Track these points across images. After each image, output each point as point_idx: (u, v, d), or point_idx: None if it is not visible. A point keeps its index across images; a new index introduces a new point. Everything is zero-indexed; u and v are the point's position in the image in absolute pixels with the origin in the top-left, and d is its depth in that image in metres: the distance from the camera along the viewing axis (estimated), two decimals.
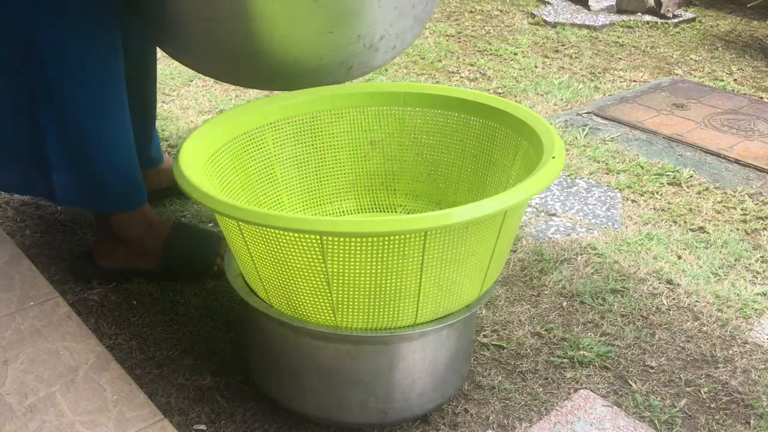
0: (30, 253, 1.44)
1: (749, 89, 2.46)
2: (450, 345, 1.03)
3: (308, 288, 0.92)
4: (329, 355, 0.98)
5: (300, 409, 1.05)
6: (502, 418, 1.10)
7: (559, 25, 3.07)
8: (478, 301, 1.02)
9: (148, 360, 1.19)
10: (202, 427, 1.07)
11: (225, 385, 1.14)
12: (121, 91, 1.26)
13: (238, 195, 1.11)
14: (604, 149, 1.95)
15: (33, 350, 1.17)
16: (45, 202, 1.61)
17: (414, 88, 1.20)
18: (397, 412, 1.03)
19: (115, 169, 1.27)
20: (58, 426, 1.03)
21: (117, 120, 1.26)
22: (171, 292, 1.35)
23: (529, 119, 1.07)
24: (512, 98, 2.31)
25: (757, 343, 1.28)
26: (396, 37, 1.21)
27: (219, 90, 2.27)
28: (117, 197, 1.30)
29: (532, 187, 0.89)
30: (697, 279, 1.43)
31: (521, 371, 1.19)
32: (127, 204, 1.32)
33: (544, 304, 1.35)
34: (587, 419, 1.10)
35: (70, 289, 1.35)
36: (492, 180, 1.16)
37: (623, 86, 2.45)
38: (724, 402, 1.15)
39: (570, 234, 1.58)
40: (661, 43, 2.94)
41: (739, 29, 3.15)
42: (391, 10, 1.15)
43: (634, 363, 1.22)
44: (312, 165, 1.22)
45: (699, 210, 1.68)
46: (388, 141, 1.23)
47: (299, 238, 0.87)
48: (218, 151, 1.07)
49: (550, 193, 1.74)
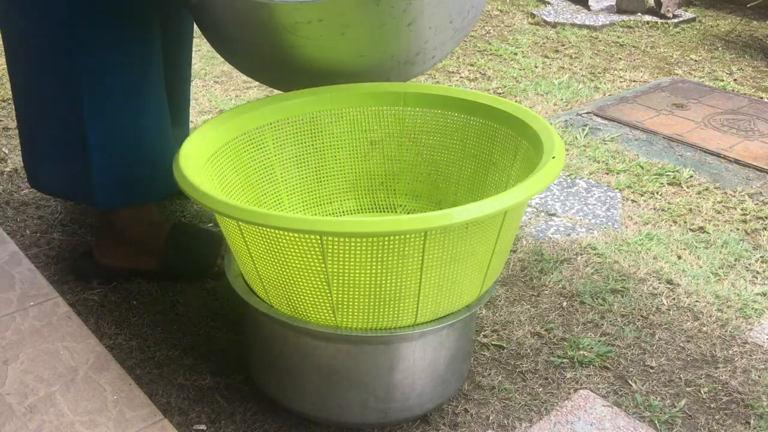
0: (30, 253, 1.44)
1: (749, 89, 2.46)
2: (450, 345, 1.03)
3: (308, 288, 0.92)
4: (329, 355, 0.98)
5: (300, 409, 1.05)
6: (502, 418, 1.10)
7: (559, 25, 3.07)
8: (478, 301, 1.02)
9: (148, 360, 1.19)
10: (202, 427, 1.07)
11: (225, 385, 1.14)
12: (158, 80, 1.27)
13: (238, 195, 1.11)
14: (604, 149, 1.95)
15: (33, 350, 1.17)
16: (45, 202, 1.61)
17: (414, 88, 1.20)
18: (397, 412, 1.03)
19: (155, 158, 1.29)
20: (58, 426, 1.03)
21: (154, 108, 1.28)
22: (171, 292, 1.35)
23: (529, 119, 1.07)
24: (512, 98, 2.31)
25: (757, 343, 1.28)
26: (434, 49, 1.21)
27: (219, 90, 2.27)
28: (156, 187, 1.33)
29: (532, 187, 0.89)
30: (697, 279, 1.43)
31: (521, 371, 1.19)
32: (156, 195, 1.35)
33: (544, 304, 1.35)
34: (587, 419, 1.10)
35: (70, 289, 1.35)
36: (492, 180, 1.16)
37: (623, 86, 2.45)
38: (724, 402, 1.15)
39: (570, 234, 1.58)
40: (661, 43, 2.94)
41: (739, 29, 3.15)
42: (425, 30, 1.15)
43: (634, 363, 1.22)
44: (312, 165, 1.22)
45: (699, 210, 1.68)
46: (388, 141, 1.23)
47: (299, 238, 0.87)
48: (218, 151, 1.07)
49: (550, 193, 1.74)
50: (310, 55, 1.12)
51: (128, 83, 1.23)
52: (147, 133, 1.28)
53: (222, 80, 2.35)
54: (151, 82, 1.27)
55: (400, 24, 1.09)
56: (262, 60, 1.21)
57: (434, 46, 1.20)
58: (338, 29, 1.07)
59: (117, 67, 1.21)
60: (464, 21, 1.21)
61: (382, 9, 1.05)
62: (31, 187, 1.47)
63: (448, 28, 1.18)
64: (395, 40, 1.13)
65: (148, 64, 1.25)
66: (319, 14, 1.04)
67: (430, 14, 1.11)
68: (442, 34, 1.18)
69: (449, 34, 1.20)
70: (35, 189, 1.40)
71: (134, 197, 1.32)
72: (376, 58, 1.16)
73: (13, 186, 1.69)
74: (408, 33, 1.12)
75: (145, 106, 1.27)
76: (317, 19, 1.04)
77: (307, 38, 1.08)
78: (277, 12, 1.04)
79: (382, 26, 1.08)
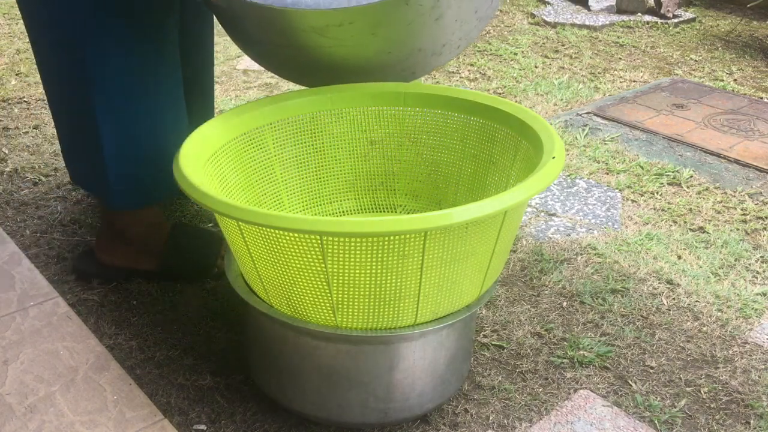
0: (30, 253, 1.44)
1: (749, 89, 2.46)
2: (450, 345, 1.03)
3: (308, 288, 0.92)
4: (329, 355, 0.98)
5: (300, 409, 1.05)
6: (502, 418, 1.10)
7: (559, 25, 3.07)
8: (478, 301, 1.02)
9: (148, 360, 1.19)
10: (202, 427, 1.07)
11: (225, 385, 1.14)
12: (173, 81, 1.27)
13: (238, 195, 1.11)
14: (604, 149, 1.95)
15: (33, 350, 1.17)
16: (45, 202, 1.62)
17: (414, 88, 1.19)
18: (397, 412, 1.03)
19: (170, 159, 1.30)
20: (58, 426, 1.03)
21: (169, 108, 1.27)
22: (171, 292, 1.35)
23: (529, 119, 1.07)
24: (512, 98, 2.31)
25: (757, 343, 1.28)
26: (459, 39, 1.22)
27: (219, 90, 2.27)
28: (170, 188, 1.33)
29: (532, 187, 0.89)
30: (697, 279, 1.43)
31: (521, 371, 1.19)
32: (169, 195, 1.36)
33: (544, 304, 1.35)
34: (587, 419, 1.10)
35: (70, 289, 1.35)
36: (492, 180, 1.16)
37: (623, 86, 2.45)
38: (724, 402, 1.15)
39: (570, 234, 1.58)
40: (661, 43, 2.94)
41: (739, 29, 3.15)
42: (452, 23, 1.15)
43: (634, 363, 1.22)
44: (312, 165, 1.22)
45: (699, 210, 1.68)
46: (388, 141, 1.23)
47: (299, 238, 0.87)
48: (218, 151, 1.07)
49: (550, 193, 1.74)
50: (338, 54, 1.12)
51: (140, 84, 1.22)
52: (161, 133, 1.27)
53: (222, 80, 2.35)
54: (165, 82, 1.26)
55: (428, 20, 1.09)
56: (286, 59, 1.20)
57: (460, 37, 1.20)
58: (369, 29, 1.07)
59: (128, 67, 1.20)
60: (488, 10, 1.22)
61: (411, 8, 1.04)
62: (72, 182, 1.51)
63: (473, 18, 1.19)
64: (423, 34, 1.13)
65: (161, 64, 1.24)
66: (351, 17, 1.04)
67: (458, 7, 1.11)
68: (468, 24, 1.19)
69: (474, 23, 1.20)
70: (73, 183, 1.41)
71: (149, 198, 1.32)
72: (404, 53, 1.16)
73: (13, 186, 1.69)
74: (436, 27, 1.12)
75: (158, 106, 1.26)
76: (348, 21, 1.04)
77: (337, 39, 1.08)
78: (307, 17, 1.04)
79: (411, 23, 1.08)
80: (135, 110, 1.23)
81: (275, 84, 2.35)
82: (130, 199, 1.30)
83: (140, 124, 1.24)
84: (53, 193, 1.66)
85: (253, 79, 2.38)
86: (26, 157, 1.81)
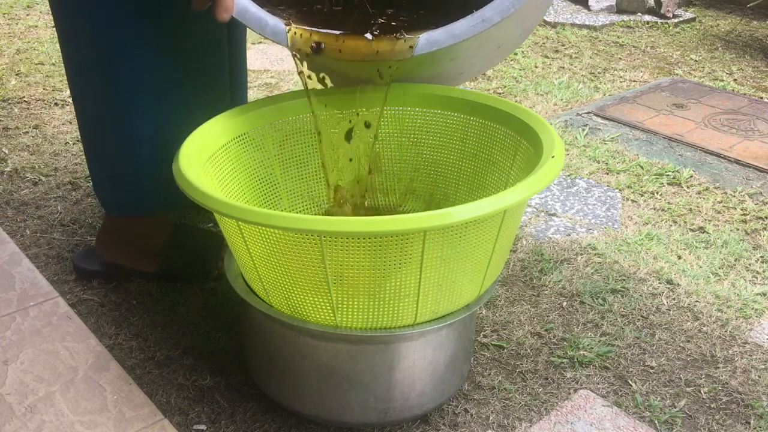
0: (30, 253, 1.44)
1: (749, 89, 2.46)
2: (450, 345, 1.03)
3: (308, 288, 0.92)
4: (329, 355, 0.98)
5: (300, 409, 1.05)
6: (502, 418, 1.10)
7: (559, 25, 3.07)
8: (478, 301, 1.02)
9: (148, 360, 1.19)
10: (202, 427, 1.07)
11: (225, 385, 1.14)
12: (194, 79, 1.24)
13: (238, 195, 1.11)
14: (604, 149, 1.95)
15: (33, 350, 1.17)
16: (45, 202, 1.62)
17: (414, 88, 1.19)
18: (397, 412, 1.03)
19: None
20: (58, 426, 1.03)
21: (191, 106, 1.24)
22: (171, 292, 1.35)
23: (529, 119, 1.07)
24: (512, 98, 2.31)
25: (757, 343, 1.28)
26: (479, 69, 1.28)
27: None
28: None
29: (532, 187, 0.89)
30: (697, 279, 1.43)
31: (521, 371, 1.19)
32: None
33: (544, 304, 1.35)
34: (587, 419, 1.10)
35: (70, 289, 1.35)
36: (492, 180, 1.16)
37: (623, 86, 2.45)
38: (724, 402, 1.15)
39: (570, 234, 1.58)
40: (661, 43, 2.94)
41: (739, 29, 3.15)
42: (493, 51, 1.17)
43: (634, 363, 1.22)
44: (312, 165, 1.22)
45: (699, 210, 1.68)
46: (388, 141, 1.23)
47: (299, 238, 0.87)
48: (218, 151, 1.07)
49: (550, 193, 1.74)
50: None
51: (159, 82, 1.19)
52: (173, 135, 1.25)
53: None
54: (186, 81, 1.22)
55: (443, 60, 1.13)
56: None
57: (479, 68, 1.27)
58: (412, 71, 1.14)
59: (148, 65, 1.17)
60: (513, 43, 1.25)
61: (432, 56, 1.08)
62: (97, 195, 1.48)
63: (495, 52, 1.21)
64: (441, 67, 1.16)
65: (181, 60, 1.20)
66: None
67: (477, 48, 1.13)
68: (488, 57, 1.22)
69: (495, 53, 1.23)
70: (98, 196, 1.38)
71: (176, 203, 1.32)
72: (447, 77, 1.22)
73: (13, 186, 1.69)
74: (448, 64, 1.15)
75: (178, 105, 1.22)
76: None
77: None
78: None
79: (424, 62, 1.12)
80: (156, 108, 1.20)
81: (275, 84, 2.36)
82: (159, 204, 1.30)
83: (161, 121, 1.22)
84: (53, 193, 1.66)
85: (253, 79, 2.37)
86: (26, 157, 1.81)
